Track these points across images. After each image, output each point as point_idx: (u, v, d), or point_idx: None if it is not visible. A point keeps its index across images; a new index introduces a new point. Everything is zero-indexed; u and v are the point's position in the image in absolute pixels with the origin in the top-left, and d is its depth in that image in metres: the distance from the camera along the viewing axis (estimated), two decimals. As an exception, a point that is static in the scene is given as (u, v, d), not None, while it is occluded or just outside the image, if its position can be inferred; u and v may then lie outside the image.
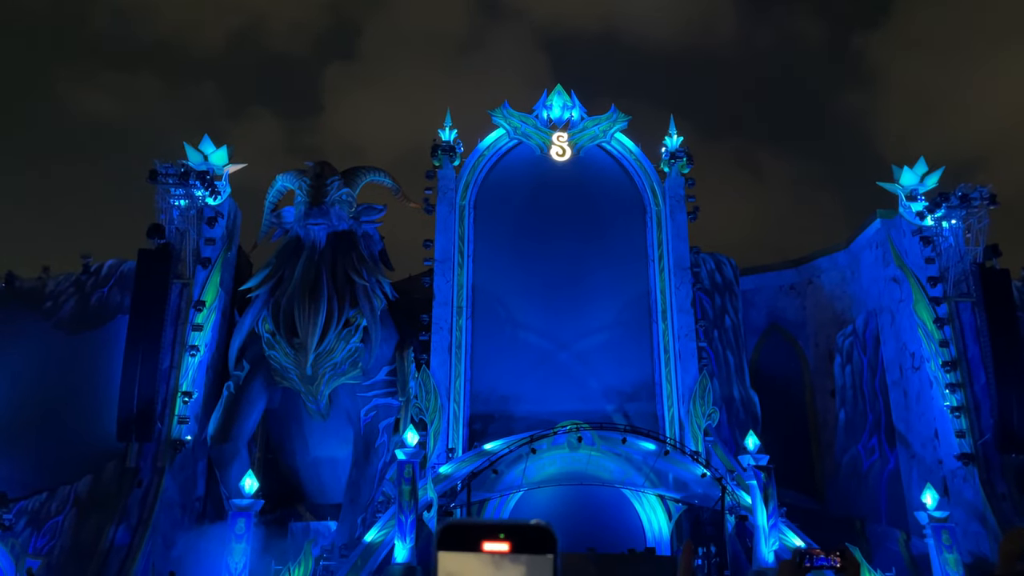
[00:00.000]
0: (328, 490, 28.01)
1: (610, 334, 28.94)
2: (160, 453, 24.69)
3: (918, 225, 28.41)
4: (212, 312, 26.98)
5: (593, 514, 26.34)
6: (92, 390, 26.15)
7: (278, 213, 28.63)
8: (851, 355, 31.11)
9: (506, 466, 24.49)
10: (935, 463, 26.59)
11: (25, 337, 26.67)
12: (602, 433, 25.13)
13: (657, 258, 29.83)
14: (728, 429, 29.07)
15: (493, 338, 28.62)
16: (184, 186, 26.67)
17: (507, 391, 28.09)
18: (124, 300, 27.16)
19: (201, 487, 26.47)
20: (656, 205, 30.43)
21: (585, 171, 30.91)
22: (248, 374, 27.25)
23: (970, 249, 27.58)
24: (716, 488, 24.48)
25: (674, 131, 31.15)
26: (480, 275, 29.25)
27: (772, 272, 33.74)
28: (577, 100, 31.41)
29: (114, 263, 28.38)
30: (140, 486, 24.05)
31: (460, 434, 27.16)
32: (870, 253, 30.49)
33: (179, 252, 26.55)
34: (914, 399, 27.88)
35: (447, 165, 30.07)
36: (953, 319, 27.01)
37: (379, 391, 27.85)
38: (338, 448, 28.33)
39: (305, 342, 26.02)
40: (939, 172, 28.87)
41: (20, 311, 27.17)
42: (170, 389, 25.31)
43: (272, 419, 29.00)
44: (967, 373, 26.41)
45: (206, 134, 28.15)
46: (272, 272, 27.38)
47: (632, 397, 28.31)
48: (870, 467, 29.63)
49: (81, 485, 24.29)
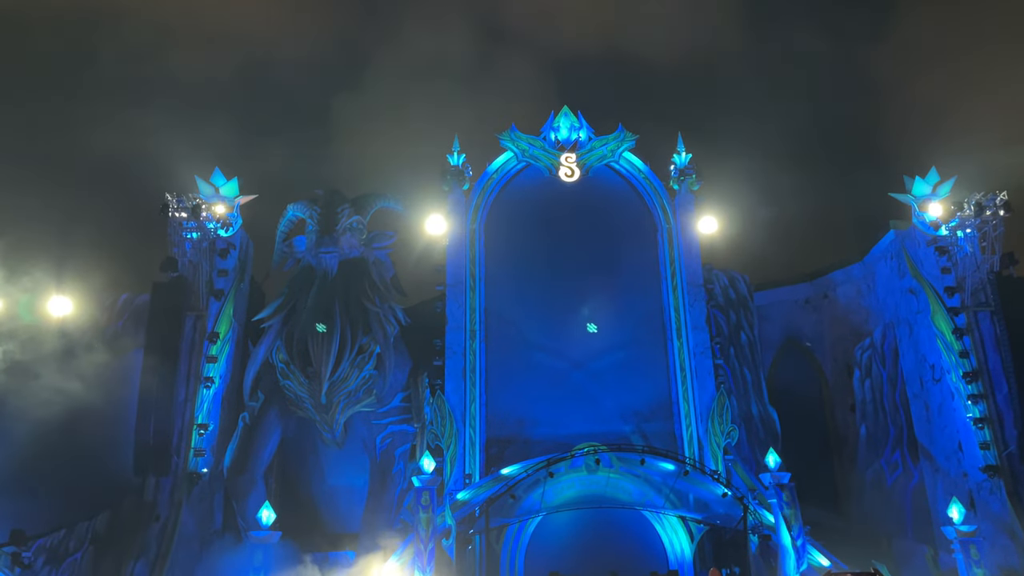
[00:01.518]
0: (345, 519, 27.82)
1: (625, 353, 28.76)
2: (177, 486, 24.62)
3: (932, 235, 28.16)
4: (226, 343, 27.02)
5: (614, 537, 26.04)
6: (108, 425, 26.17)
7: (289, 243, 28.75)
8: (870, 368, 30.74)
9: (524, 491, 24.26)
10: (960, 476, 26.12)
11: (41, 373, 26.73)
12: (620, 455, 24.88)
13: (670, 276, 29.70)
14: (748, 447, 28.73)
15: (507, 361, 28.50)
16: (196, 219, 26.83)
17: (523, 414, 27.92)
18: (139, 334, 27.24)
19: (219, 519, 26.35)
20: (667, 223, 30.37)
21: (594, 191, 30.92)
22: (263, 405, 27.24)
23: (986, 258, 27.26)
24: (738, 507, 24.14)
25: (682, 148, 31.13)
26: (492, 298, 29.20)
27: (787, 287, 33.46)
28: (584, 121, 31.50)
29: (128, 297, 28.53)
30: (158, 520, 23.97)
31: (477, 459, 26.96)
32: (885, 265, 30.23)
33: (192, 284, 26.66)
34: (936, 411, 27.46)
35: (456, 189, 30.16)
36: (972, 329, 26.66)
37: (394, 418, 27.76)
38: (354, 476, 28.20)
39: (319, 371, 26.01)
40: (951, 181, 28.65)
41: (35, 348, 27.26)
42: (186, 422, 25.29)
43: (288, 449, 28.89)
44: (989, 383, 26.00)
45: (217, 167, 28.36)
46: (285, 302, 27.44)
47: (649, 417, 28.05)
48: (894, 482, 29.14)
49: (99, 521, 24.21)
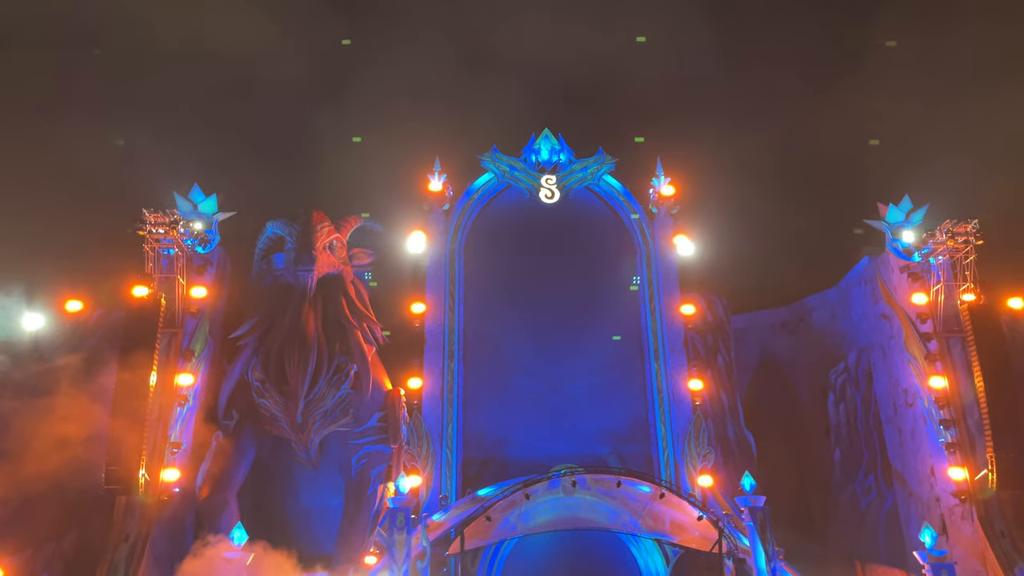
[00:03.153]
0: (319, 540, 27.49)
1: (603, 376, 28.85)
2: (148, 507, 24.20)
3: (906, 261, 28.60)
4: (201, 361, 26.74)
5: (589, 560, 26.00)
6: (78, 443, 25.69)
7: (268, 260, 28.58)
8: (844, 392, 31.04)
9: (500, 512, 24.16)
10: (932, 501, 26.36)
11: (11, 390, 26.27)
12: (597, 477, 24.89)
13: (648, 298, 29.90)
14: (724, 470, 28.79)
15: (485, 382, 28.49)
16: (173, 235, 26.63)
17: (500, 435, 27.87)
18: (112, 351, 26.81)
19: (190, 540, 25.91)
20: (645, 245, 30.61)
21: (574, 213, 31.13)
22: (237, 423, 26.93)
23: (958, 284, 27.71)
24: (713, 531, 24.18)
25: (661, 172, 31.47)
26: (471, 318, 29.22)
27: (763, 311, 33.82)
28: (565, 143, 31.78)
29: (102, 314, 28.15)
30: (127, 541, 23.52)
31: (453, 480, 26.86)
32: (859, 290, 30.63)
33: (168, 301, 26.38)
34: (908, 436, 27.75)
35: (436, 209, 30.26)
36: (944, 355, 27.01)
37: (370, 438, 27.54)
38: (329, 497, 27.92)
39: (295, 390, 25.80)
40: (924, 209, 29.15)
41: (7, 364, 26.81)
42: (158, 440, 24.92)
43: (262, 468, 28.54)
44: (960, 409, 26.30)
45: (195, 183, 28.23)
46: (262, 320, 27.23)
47: (626, 439, 28.12)
48: (867, 506, 29.35)
49: (67, 542, 23.78)
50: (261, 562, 23.75)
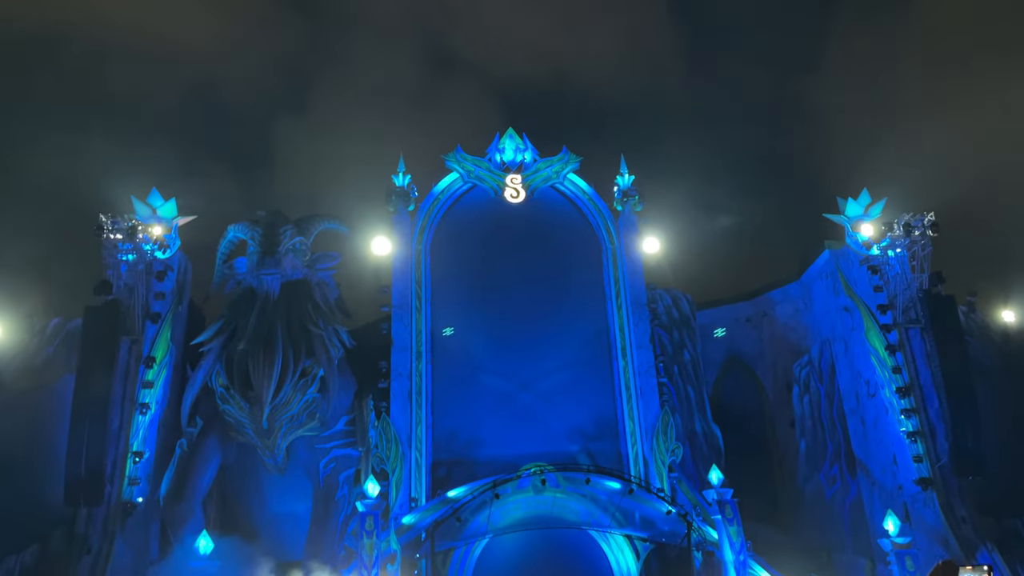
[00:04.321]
0: (288, 547, 27.17)
1: (571, 373, 28.91)
2: (110, 517, 23.76)
3: (865, 255, 29.09)
4: (163, 368, 26.31)
5: (561, 557, 26.02)
6: (37, 454, 25.13)
7: (230, 264, 28.20)
8: (808, 385, 31.49)
9: (470, 513, 24.10)
10: (895, 489, 26.85)
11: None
12: (567, 474, 24.94)
13: (614, 295, 30.03)
14: (692, 464, 29.06)
15: (454, 382, 28.38)
16: (132, 240, 26.15)
17: (470, 435, 27.78)
18: (70, 359, 26.29)
19: (155, 550, 25.48)
20: (611, 243, 30.76)
21: (540, 212, 31.17)
22: (202, 430, 26.55)
23: (916, 276, 28.25)
24: (682, 525, 24.38)
25: (625, 170, 31.63)
26: (439, 319, 29.10)
27: (728, 306, 34.16)
28: (529, 143, 31.79)
29: (59, 322, 27.55)
30: (89, 553, 23.09)
31: (423, 482, 26.72)
32: (821, 284, 31.09)
33: (128, 308, 25.91)
34: (871, 426, 28.24)
35: (402, 210, 30.08)
36: (904, 345, 27.53)
37: (338, 442, 27.32)
38: (297, 503, 27.61)
39: (260, 395, 25.48)
40: (882, 203, 29.69)
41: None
42: (120, 450, 24.47)
43: (227, 476, 28.14)
44: (921, 398, 26.84)
45: (154, 187, 27.76)
46: (225, 325, 26.86)
47: (595, 437, 28.19)
48: (833, 496, 29.81)
49: (27, 555, 23.24)
50: (228, 571, 23.45)
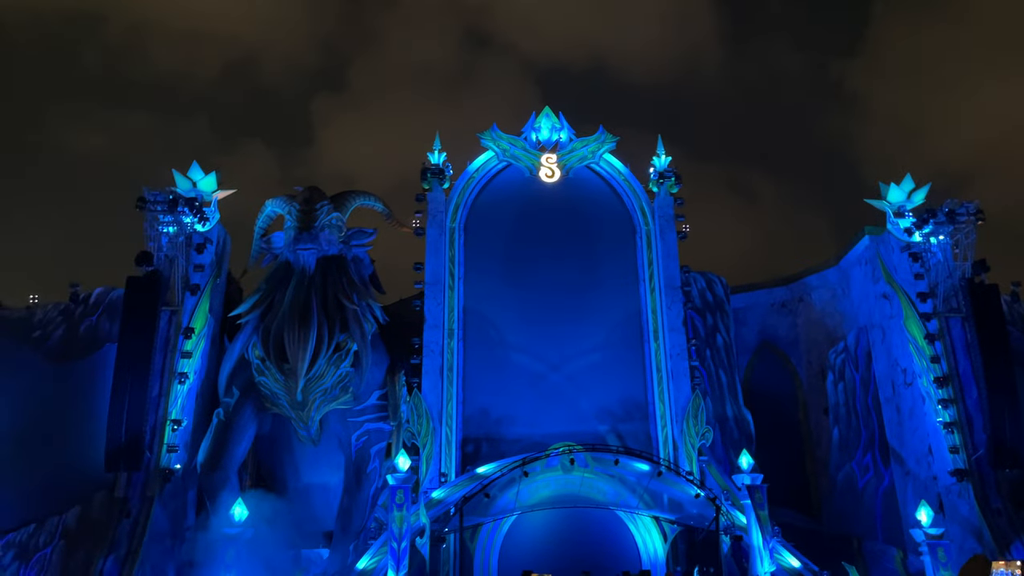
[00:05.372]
0: (319, 517, 27.71)
1: (602, 355, 28.88)
2: (149, 483, 24.42)
3: (906, 241, 28.53)
4: (201, 339, 26.82)
5: (588, 537, 26.15)
6: (80, 420, 25.88)
7: (268, 238, 28.55)
8: (843, 372, 31.10)
9: (499, 490, 24.30)
10: (930, 479, 26.50)
11: (13, 367, 26.40)
12: (595, 455, 24.99)
13: (647, 278, 29.86)
14: (722, 448, 28.96)
15: (484, 360, 28.54)
16: (172, 213, 26.60)
17: (499, 413, 27.96)
18: (113, 328, 26.93)
19: (191, 516, 26.15)
20: (646, 225, 30.53)
21: (574, 192, 31.03)
22: (238, 401, 27.03)
23: (958, 264, 27.67)
24: (711, 508, 24.34)
25: (662, 151, 31.32)
26: (471, 297, 29.22)
27: (763, 290, 33.80)
28: (565, 122, 31.59)
29: (102, 291, 28.18)
30: (129, 516, 23.75)
31: (452, 458, 26.99)
32: (859, 270, 30.59)
33: (168, 279, 26.42)
34: (907, 415, 27.84)
35: (436, 188, 30.14)
36: (944, 335, 27.04)
37: (370, 416, 27.65)
38: (329, 474, 28.08)
39: (295, 367, 25.85)
40: (926, 188, 29.07)
41: (8, 341, 26.93)
42: (159, 417, 25.08)
43: (262, 446, 28.73)
44: (959, 388, 26.38)
45: (195, 161, 28.17)
46: (262, 298, 27.25)
47: (625, 418, 28.19)
48: (865, 484, 29.51)
49: (69, 516, 23.98)
50: (261, 538, 23.97)
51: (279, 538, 24.81)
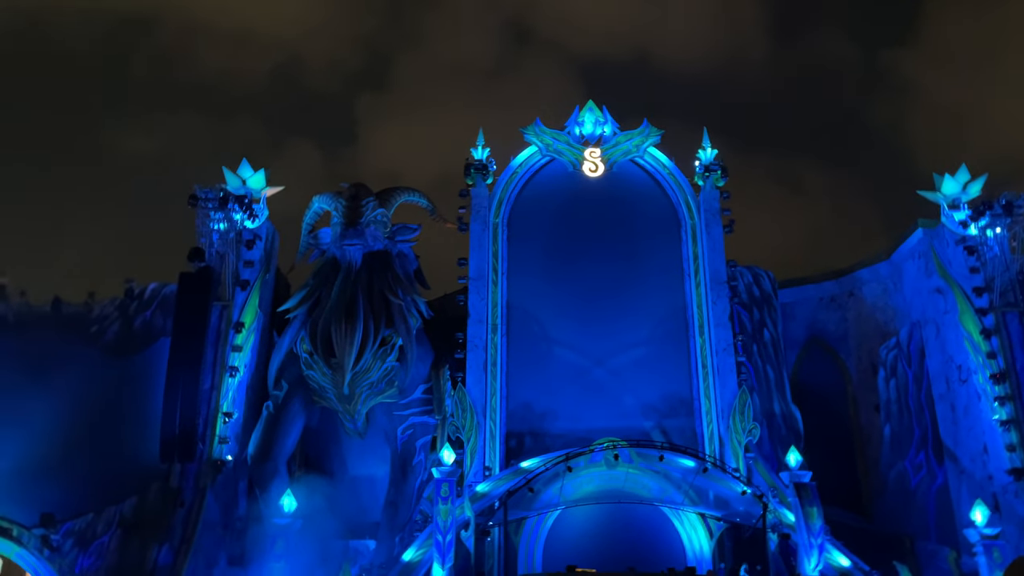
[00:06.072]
0: (366, 508, 28.11)
1: (646, 350, 28.70)
2: (202, 473, 25.04)
3: (961, 234, 27.79)
4: (251, 333, 27.37)
5: (632, 533, 26.05)
6: (136, 412, 26.67)
7: (315, 234, 29.01)
8: (895, 368, 30.42)
9: (543, 484, 24.34)
10: (985, 478, 25.82)
11: (71, 361, 27.30)
12: (640, 450, 24.87)
13: (693, 272, 29.57)
14: (769, 445, 28.57)
15: (528, 355, 28.58)
16: (223, 210, 27.16)
17: (543, 408, 27.99)
18: (166, 323, 27.69)
19: (243, 506, 26.74)
20: (691, 219, 30.23)
21: (618, 186, 30.84)
22: (287, 394, 27.56)
23: (1016, 258, 26.90)
24: (758, 506, 24.06)
25: (708, 144, 30.93)
26: (514, 292, 29.28)
27: (812, 284, 33.18)
28: (609, 115, 31.40)
29: (156, 287, 28.97)
30: (183, 506, 24.40)
31: (496, 452, 27.11)
32: (912, 264, 29.87)
33: (219, 275, 27.02)
34: (962, 413, 27.15)
35: (480, 183, 30.23)
36: (1000, 330, 26.30)
37: (415, 409, 27.96)
38: (376, 466, 28.47)
39: (342, 362, 26.24)
40: (982, 180, 28.27)
41: (67, 336, 27.85)
42: (211, 410, 25.69)
43: (310, 438, 29.23)
44: (1016, 385, 25.65)
45: (244, 158, 28.71)
46: (309, 293, 27.70)
47: (670, 413, 28.00)
48: (918, 483, 28.86)
49: (126, 506, 24.71)
50: (310, 528, 24.41)
51: (328, 528, 25.25)
